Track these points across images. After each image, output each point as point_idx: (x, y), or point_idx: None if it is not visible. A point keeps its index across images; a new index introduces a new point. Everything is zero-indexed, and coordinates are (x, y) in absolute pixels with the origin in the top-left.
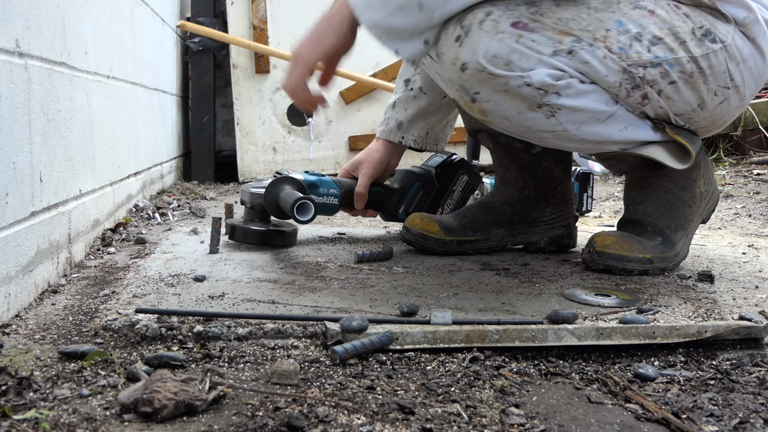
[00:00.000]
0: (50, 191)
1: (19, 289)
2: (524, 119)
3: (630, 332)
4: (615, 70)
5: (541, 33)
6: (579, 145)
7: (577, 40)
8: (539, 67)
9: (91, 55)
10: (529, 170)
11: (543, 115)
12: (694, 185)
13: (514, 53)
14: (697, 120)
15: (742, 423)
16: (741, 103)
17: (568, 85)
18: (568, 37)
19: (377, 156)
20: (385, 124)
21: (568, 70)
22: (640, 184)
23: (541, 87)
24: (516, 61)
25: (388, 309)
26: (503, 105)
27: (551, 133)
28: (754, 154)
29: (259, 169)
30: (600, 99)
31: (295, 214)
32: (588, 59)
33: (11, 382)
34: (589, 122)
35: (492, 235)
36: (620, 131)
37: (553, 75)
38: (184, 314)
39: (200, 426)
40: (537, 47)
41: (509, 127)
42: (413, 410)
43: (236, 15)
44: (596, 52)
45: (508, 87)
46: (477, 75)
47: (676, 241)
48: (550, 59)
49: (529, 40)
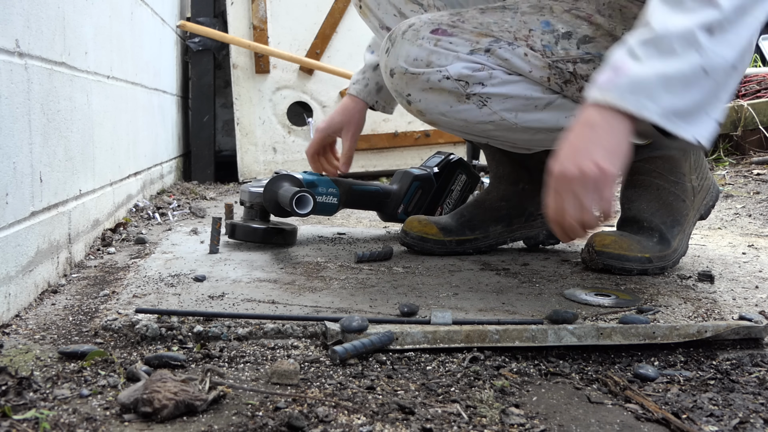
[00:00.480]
0: (50, 191)
1: (19, 289)
2: (458, 112)
3: (630, 332)
4: (539, 66)
5: (459, 36)
6: (527, 135)
7: (495, 40)
8: (456, 62)
9: (91, 55)
10: (521, 163)
11: (474, 105)
12: (684, 179)
13: (432, 54)
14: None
15: (742, 423)
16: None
17: (490, 75)
18: (487, 38)
19: (358, 117)
20: (363, 84)
21: (487, 64)
22: (633, 183)
23: (460, 78)
24: (435, 60)
25: (388, 309)
26: (434, 102)
27: (491, 123)
28: (754, 154)
29: (259, 169)
30: (532, 87)
31: (294, 207)
32: (507, 57)
33: (11, 382)
34: (525, 109)
35: (490, 233)
36: (567, 118)
37: (471, 67)
38: (184, 314)
39: (200, 426)
40: (454, 48)
41: (448, 123)
42: (413, 410)
43: (236, 15)
44: (516, 50)
45: (430, 83)
46: (403, 77)
47: (672, 238)
48: (467, 56)
49: (447, 42)
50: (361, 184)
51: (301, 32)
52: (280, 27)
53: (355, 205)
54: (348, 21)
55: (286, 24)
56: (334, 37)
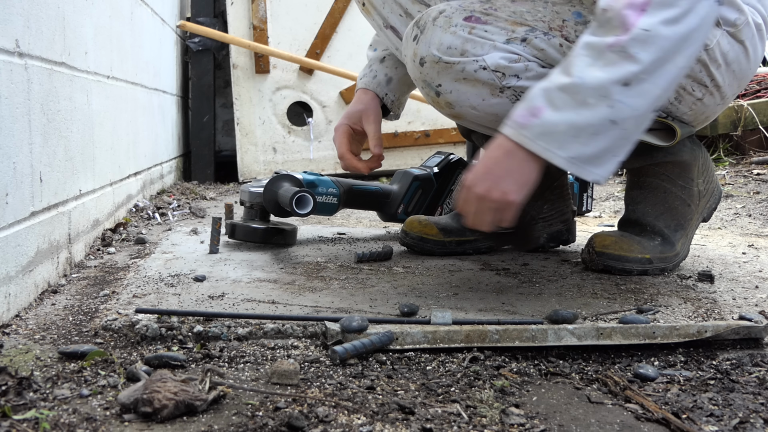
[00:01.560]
0: (50, 191)
1: (19, 289)
2: (490, 106)
3: (630, 332)
4: None
5: (494, 24)
6: None
7: (531, 30)
8: (493, 52)
9: (91, 55)
10: None
11: (508, 99)
12: (692, 184)
13: (467, 42)
14: (676, 113)
15: (742, 423)
16: (722, 102)
17: (526, 68)
18: (522, 27)
19: (374, 104)
20: (372, 76)
21: (524, 54)
22: (640, 184)
23: (497, 69)
24: (470, 49)
25: (388, 309)
26: (466, 93)
27: None
28: (754, 154)
29: (259, 169)
30: None
31: (294, 207)
32: (543, 47)
33: (11, 382)
34: None
35: (491, 235)
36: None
37: (508, 58)
38: (184, 314)
39: (200, 426)
40: (490, 36)
41: (478, 117)
42: (413, 410)
43: (236, 15)
44: (552, 41)
45: (465, 73)
46: (435, 66)
47: (675, 242)
48: (503, 45)
49: (481, 30)
50: (361, 184)
51: (301, 32)
52: (280, 27)
53: (355, 205)
54: (348, 21)
55: (286, 24)
56: (334, 37)
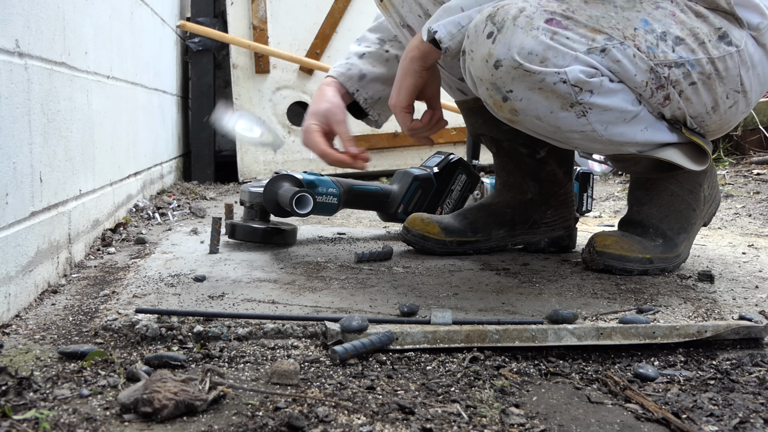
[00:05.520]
0: (50, 191)
1: (19, 289)
2: (556, 119)
3: (630, 332)
4: (643, 69)
5: (575, 30)
6: (603, 146)
7: (609, 38)
8: (574, 64)
9: (91, 55)
10: (533, 175)
11: (575, 114)
12: (699, 189)
13: (549, 50)
14: (708, 123)
15: (742, 423)
16: (747, 108)
17: (601, 83)
18: (601, 35)
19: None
20: (346, 68)
21: (600, 68)
22: (646, 185)
23: (576, 84)
24: (552, 57)
25: (388, 309)
26: (536, 104)
27: (579, 133)
28: (754, 154)
29: (259, 169)
30: (627, 99)
31: (294, 207)
32: (619, 57)
33: (11, 382)
34: (616, 122)
35: (492, 236)
36: (642, 132)
37: (587, 72)
38: (184, 314)
39: (200, 426)
40: (571, 44)
41: (538, 127)
42: (413, 410)
43: (236, 15)
44: (627, 51)
45: (544, 84)
46: (512, 72)
47: (678, 243)
48: (584, 56)
49: (563, 37)
50: (361, 184)
51: (301, 32)
52: (280, 27)
53: (355, 205)
54: (348, 21)
55: (286, 24)
56: (334, 37)
